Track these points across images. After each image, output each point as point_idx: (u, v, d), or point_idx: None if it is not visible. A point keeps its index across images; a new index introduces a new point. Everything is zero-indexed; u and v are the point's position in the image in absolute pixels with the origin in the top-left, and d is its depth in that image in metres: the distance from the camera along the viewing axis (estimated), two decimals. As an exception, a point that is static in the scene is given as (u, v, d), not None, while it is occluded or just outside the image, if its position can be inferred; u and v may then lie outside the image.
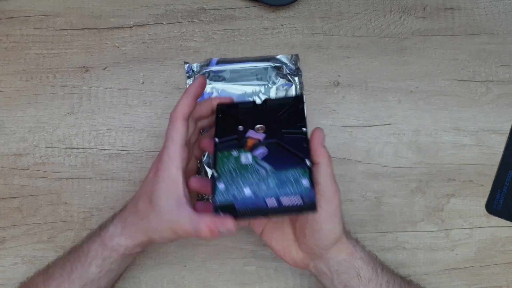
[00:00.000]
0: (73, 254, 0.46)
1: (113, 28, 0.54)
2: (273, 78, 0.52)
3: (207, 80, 0.53)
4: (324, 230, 0.42)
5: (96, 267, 0.44)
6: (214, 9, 0.55)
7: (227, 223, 0.39)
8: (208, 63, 0.54)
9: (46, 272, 0.46)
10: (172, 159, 0.42)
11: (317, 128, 0.42)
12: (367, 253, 0.46)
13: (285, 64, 0.53)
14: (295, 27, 0.55)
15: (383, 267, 0.46)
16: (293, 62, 0.54)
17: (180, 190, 0.42)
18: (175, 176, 0.42)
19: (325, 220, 0.42)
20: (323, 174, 0.41)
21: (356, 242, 0.46)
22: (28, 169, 0.53)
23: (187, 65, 0.54)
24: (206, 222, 0.40)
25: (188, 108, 0.43)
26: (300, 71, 0.54)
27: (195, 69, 0.54)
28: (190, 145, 0.46)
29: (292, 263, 0.46)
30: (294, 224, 0.45)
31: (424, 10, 0.56)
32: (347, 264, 0.45)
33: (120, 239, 0.44)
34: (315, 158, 0.41)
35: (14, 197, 0.53)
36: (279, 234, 0.46)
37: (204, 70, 0.53)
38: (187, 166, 0.45)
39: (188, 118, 0.43)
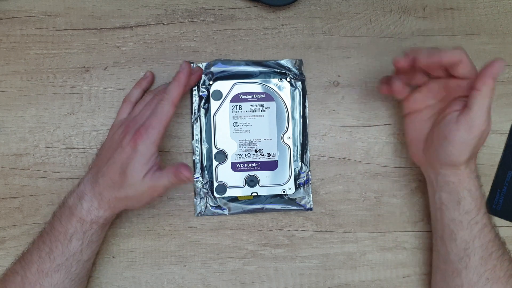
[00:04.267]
0: (49, 236, 0.47)
1: (113, 28, 0.54)
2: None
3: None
4: (448, 151, 0.45)
5: (77, 240, 0.46)
6: (214, 9, 0.55)
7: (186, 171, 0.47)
8: (212, 64, 0.54)
9: (23, 258, 0.47)
10: (155, 139, 0.46)
11: (498, 60, 0.43)
12: (479, 191, 0.47)
13: (289, 69, 0.54)
14: (295, 27, 0.55)
15: (488, 216, 0.48)
16: (297, 67, 0.54)
17: (157, 164, 0.47)
18: (153, 152, 0.46)
19: (454, 143, 0.44)
20: (478, 102, 0.43)
21: (475, 177, 0.47)
22: (29, 169, 0.53)
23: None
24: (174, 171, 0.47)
25: (180, 96, 0.47)
26: (304, 76, 0.54)
27: None
28: None
29: (411, 153, 0.51)
30: (435, 124, 0.47)
31: (424, 10, 0.56)
32: (453, 188, 0.47)
33: (99, 212, 0.47)
34: (478, 84, 0.43)
35: (14, 197, 0.53)
36: (419, 120, 0.49)
37: (208, 71, 0.53)
38: None
39: (177, 104, 0.47)
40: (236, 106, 0.52)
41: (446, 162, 0.46)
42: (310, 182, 0.54)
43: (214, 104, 0.52)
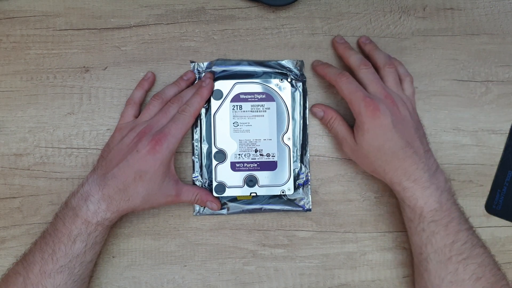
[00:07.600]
0: (51, 237, 0.46)
1: (113, 28, 0.54)
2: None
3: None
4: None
5: (81, 242, 0.46)
6: (214, 9, 0.55)
7: (216, 203, 0.52)
8: (213, 64, 0.54)
9: (25, 259, 0.47)
10: (174, 147, 0.48)
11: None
12: (419, 202, 0.46)
13: (290, 69, 0.54)
14: (295, 27, 0.55)
15: (440, 223, 0.46)
16: (298, 68, 0.54)
17: (174, 170, 0.50)
18: (170, 159, 0.48)
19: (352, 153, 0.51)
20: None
21: (403, 189, 0.47)
22: (29, 169, 0.54)
23: (193, 64, 0.54)
24: (204, 195, 0.52)
25: (200, 110, 0.51)
26: (305, 77, 0.54)
27: (200, 69, 0.54)
28: None
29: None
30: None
31: (424, 10, 0.56)
32: (397, 195, 0.49)
33: (106, 214, 0.47)
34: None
35: (14, 197, 0.53)
36: None
37: (209, 70, 0.54)
38: None
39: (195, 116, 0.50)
40: (237, 106, 0.52)
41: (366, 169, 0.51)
42: (309, 183, 0.54)
43: (214, 104, 0.52)
